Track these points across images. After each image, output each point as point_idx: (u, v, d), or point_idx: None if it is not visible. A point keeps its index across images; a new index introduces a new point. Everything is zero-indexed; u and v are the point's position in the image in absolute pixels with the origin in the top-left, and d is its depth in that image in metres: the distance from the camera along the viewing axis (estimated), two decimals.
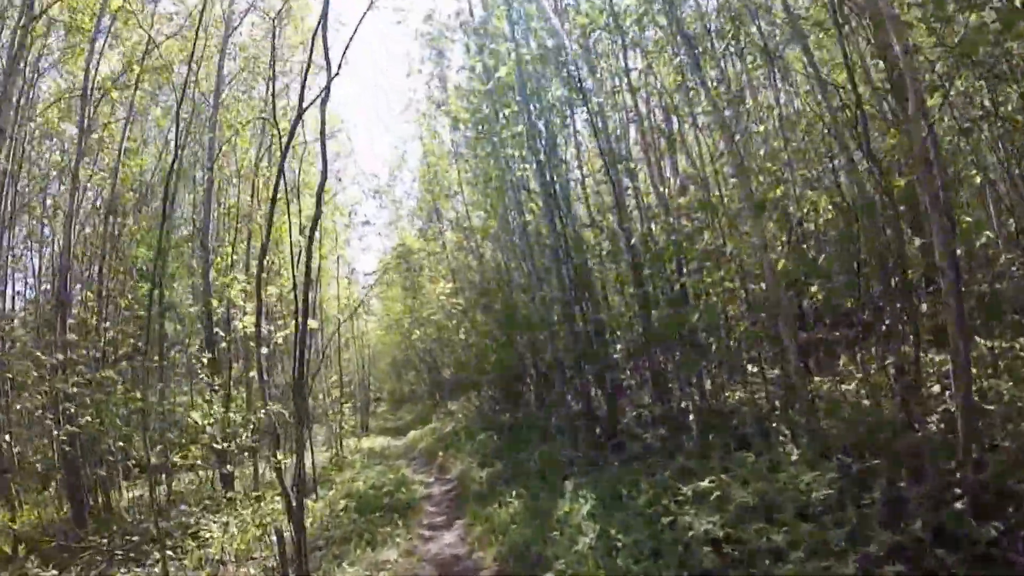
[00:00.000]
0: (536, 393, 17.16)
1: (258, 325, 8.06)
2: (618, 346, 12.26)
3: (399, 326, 27.51)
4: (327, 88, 5.71)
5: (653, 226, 10.83)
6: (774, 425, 7.39)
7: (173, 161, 7.79)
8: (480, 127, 13.31)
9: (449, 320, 19.08)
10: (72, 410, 9.48)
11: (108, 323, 12.30)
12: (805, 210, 7.46)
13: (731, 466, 6.85)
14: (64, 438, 9.72)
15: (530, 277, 14.49)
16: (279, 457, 7.38)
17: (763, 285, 6.85)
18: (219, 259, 10.90)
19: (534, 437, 13.47)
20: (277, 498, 10.60)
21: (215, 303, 10.87)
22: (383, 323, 31.25)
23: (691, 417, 9.83)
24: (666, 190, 11.79)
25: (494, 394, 20.02)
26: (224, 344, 11.12)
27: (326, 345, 16.03)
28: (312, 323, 11.83)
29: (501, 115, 13.03)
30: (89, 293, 12.66)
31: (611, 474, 8.85)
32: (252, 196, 12.82)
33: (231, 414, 9.30)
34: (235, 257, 13.04)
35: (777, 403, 7.76)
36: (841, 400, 6.55)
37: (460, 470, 12.68)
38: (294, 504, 6.39)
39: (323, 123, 5.85)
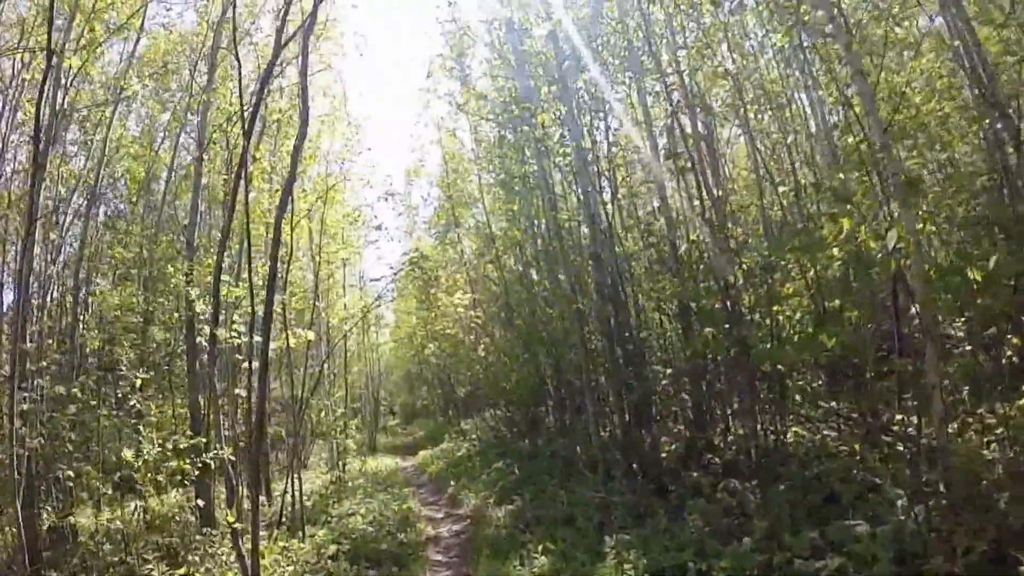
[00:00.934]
0: (557, 418, 15.59)
1: (213, 332, 6.53)
2: (665, 369, 10.65)
3: (412, 340, 26.14)
4: (312, 14, 4.29)
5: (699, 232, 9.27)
6: (879, 482, 5.77)
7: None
8: (509, 109, 11.75)
9: (466, 335, 17.54)
10: (23, 429, 8.07)
11: (88, 331, 10.93)
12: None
13: (832, 534, 5.24)
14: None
15: (558, 288, 12.95)
16: (229, 519, 5.88)
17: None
18: (208, 260, 9.47)
19: (557, 469, 11.90)
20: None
21: (199, 307, 9.39)
22: (396, 335, 29.84)
23: (748, 457, 8.22)
24: (719, 191, 10.26)
25: (512, 415, 18.45)
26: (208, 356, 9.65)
27: (327, 355, 14.49)
28: (308, 334, 10.40)
29: (534, 91, 11.53)
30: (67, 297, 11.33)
31: (662, 531, 7.26)
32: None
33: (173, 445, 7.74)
34: (231, 259, 11.61)
35: (882, 452, 6.12)
36: (985, 460, 4.89)
37: (474, 505, 11.11)
38: None
39: (304, 57, 4.41)
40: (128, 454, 7.18)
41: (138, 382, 8.41)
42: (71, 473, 8.20)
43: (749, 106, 10.91)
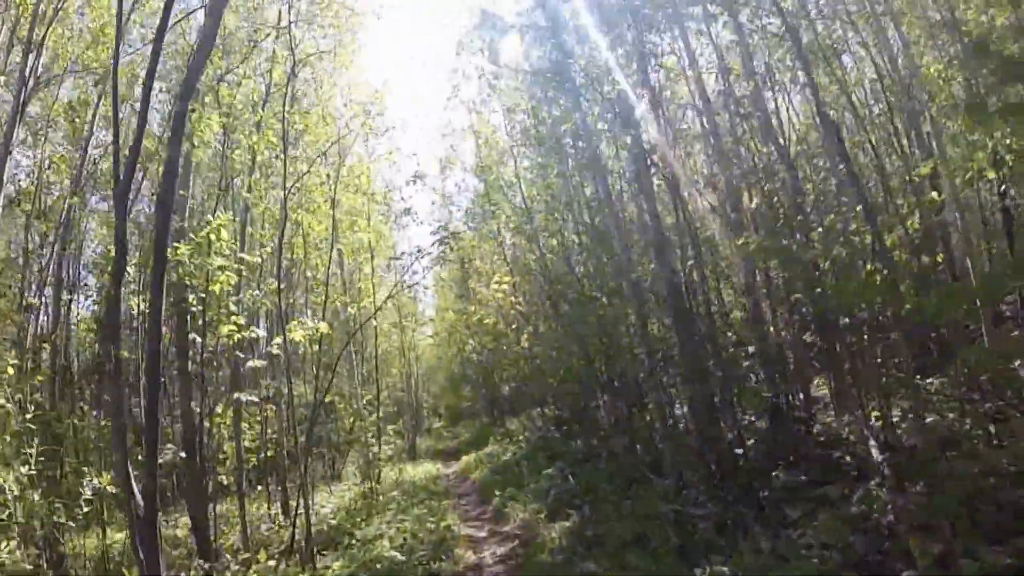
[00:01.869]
0: (611, 413, 13.83)
1: (157, 315, 4.95)
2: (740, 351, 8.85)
3: (452, 336, 24.67)
4: None
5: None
6: None
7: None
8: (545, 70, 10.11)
9: (507, 325, 15.88)
10: None
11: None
12: None
13: None
14: None
15: (610, 266, 11.24)
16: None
17: None
18: (200, 239, 7.99)
19: (617, 474, 10.18)
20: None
21: (190, 299, 7.91)
22: (436, 330, 28.38)
23: (880, 456, 6.37)
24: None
25: (560, 413, 16.75)
26: (203, 356, 8.16)
27: (345, 345, 12.89)
28: (321, 326, 8.86)
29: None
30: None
31: (767, 554, 5.51)
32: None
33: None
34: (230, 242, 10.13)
35: None
36: None
37: (522, 521, 9.44)
38: None
39: None
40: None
41: None
42: None
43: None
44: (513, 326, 15.63)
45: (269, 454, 13.49)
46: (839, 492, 6.95)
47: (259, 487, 12.69)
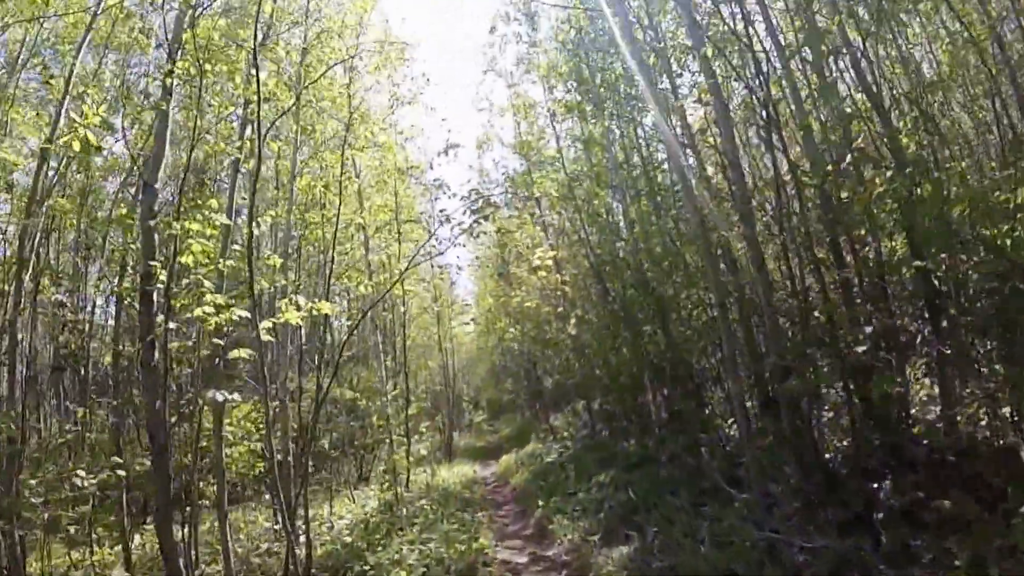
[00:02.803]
0: (667, 410, 12.04)
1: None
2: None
3: (491, 325, 23.05)
4: None
5: None
6: None
7: None
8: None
9: (553, 308, 14.14)
10: None
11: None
12: None
13: None
14: None
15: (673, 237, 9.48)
16: None
17: None
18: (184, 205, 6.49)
19: (683, 483, 8.43)
20: None
21: (158, 272, 6.36)
22: (477, 317, 26.86)
23: None
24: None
25: (609, 408, 14.98)
26: (166, 344, 6.62)
27: (355, 327, 11.23)
28: (324, 306, 7.29)
29: None
30: None
31: None
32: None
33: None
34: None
35: None
36: None
37: (570, 544, 7.76)
38: None
39: None
40: None
41: None
42: None
43: None
44: (559, 309, 13.88)
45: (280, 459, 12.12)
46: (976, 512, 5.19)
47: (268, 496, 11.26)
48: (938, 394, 7.39)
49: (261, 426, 11.12)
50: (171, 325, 6.60)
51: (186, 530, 7.06)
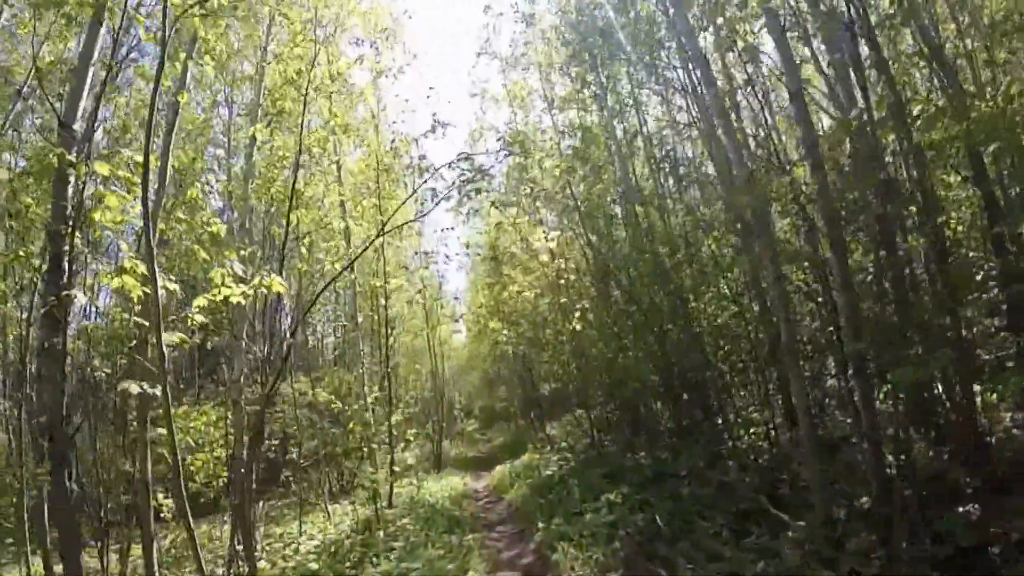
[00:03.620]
0: (682, 417, 10.70)
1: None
2: None
3: (484, 328, 21.61)
4: None
5: None
6: None
7: None
8: None
9: (555, 300, 12.72)
10: None
11: None
12: None
13: None
14: None
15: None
16: None
17: None
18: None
19: (712, 504, 7.06)
20: None
21: (69, 233, 4.96)
22: (467, 324, 25.50)
23: None
24: None
25: (613, 416, 13.57)
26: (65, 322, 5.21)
27: (311, 306, 9.71)
28: (274, 283, 5.91)
29: None
30: None
31: None
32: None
33: None
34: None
35: None
36: None
37: None
38: None
39: None
40: None
41: None
42: None
43: None
44: (561, 300, 12.44)
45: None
46: None
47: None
48: None
49: (223, 431, 9.80)
50: (80, 297, 5.19)
51: (110, 558, 5.63)
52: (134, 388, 4.80)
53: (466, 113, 29.24)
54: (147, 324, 5.56)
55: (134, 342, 5.95)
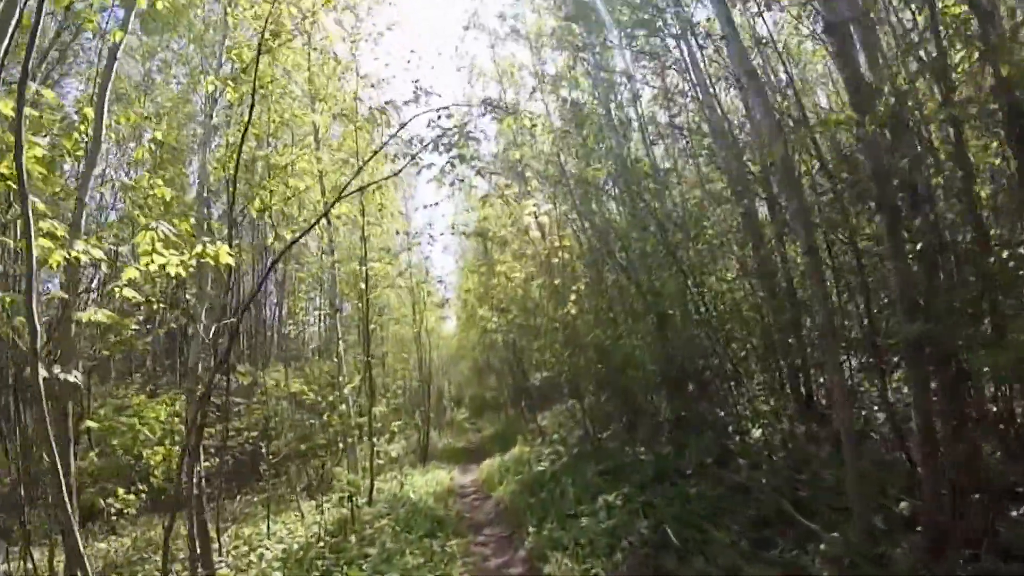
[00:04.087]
0: (673, 409, 9.94)
1: None
2: None
3: (472, 315, 20.79)
4: None
5: None
6: None
7: None
8: None
9: (548, 280, 11.83)
10: None
11: None
12: None
13: None
14: None
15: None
16: None
17: None
18: None
19: (724, 507, 6.28)
20: None
21: None
22: (456, 312, 24.73)
23: None
24: None
25: (608, 407, 12.73)
26: None
27: (270, 267, 8.80)
28: (221, 252, 5.09)
29: None
30: None
31: None
32: None
33: None
34: None
35: None
36: None
37: None
38: None
39: None
40: None
41: None
42: None
43: None
44: (554, 282, 11.57)
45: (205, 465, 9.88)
46: None
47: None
48: None
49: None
50: None
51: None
52: (43, 372, 3.93)
53: (453, 90, 28.02)
54: (66, 296, 4.68)
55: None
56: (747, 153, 8.31)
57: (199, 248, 4.77)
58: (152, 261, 4.61)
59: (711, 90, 9.63)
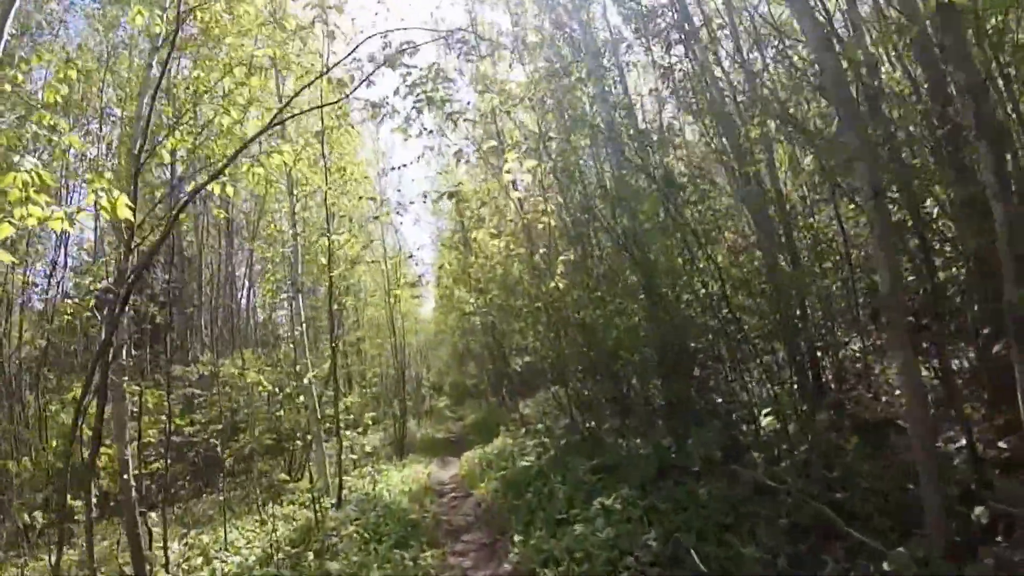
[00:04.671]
0: (665, 396, 9.04)
1: None
2: None
3: (450, 298, 19.63)
4: None
5: None
6: None
7: None
8: None
9: (529, 253, 10.77)
10: None
11: None
12: None
13: None
14: None
15: None
16: None
17: None
18: None
19: (745, 512, 5.33)
20: None
21: None
22: (435, 293, 23.66)
23: None
24: None
25: (596, 394, 11.70)
26: None
27: (164, 233, 7.63)
28: (123, 204, 3.97)
29: None
30: None
31: None
32: None
33: None
34: None
35: None
36: None
37: None
38: None
39: None
40: None
41: None
42: None
43: None
44: (540, 251, 10.47)
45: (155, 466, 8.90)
46: None
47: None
48: None
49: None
50: None
51: None
52: None
53: (428, 54, 26.47)
54: None
55: None
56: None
57: (90, 198, 3.71)
58: (28, 214, 3.55)
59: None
